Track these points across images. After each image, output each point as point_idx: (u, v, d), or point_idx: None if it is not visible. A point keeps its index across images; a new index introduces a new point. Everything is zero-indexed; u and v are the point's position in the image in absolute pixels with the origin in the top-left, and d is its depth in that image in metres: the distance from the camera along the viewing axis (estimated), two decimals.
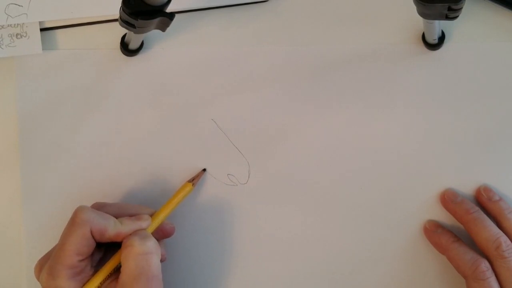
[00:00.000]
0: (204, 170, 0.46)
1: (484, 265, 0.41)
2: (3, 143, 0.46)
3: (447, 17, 0.38)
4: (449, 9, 0.36)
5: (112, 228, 0.39)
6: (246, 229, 0.46)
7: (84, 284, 0.38)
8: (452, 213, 0.45)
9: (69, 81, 0.46)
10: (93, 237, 0.38)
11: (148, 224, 0.40)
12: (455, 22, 0.44)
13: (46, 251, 0.44)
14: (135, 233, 0.39)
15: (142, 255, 0.38)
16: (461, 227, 0.44)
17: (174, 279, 0.45)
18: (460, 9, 0.36)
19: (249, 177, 0.46)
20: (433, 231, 0.44)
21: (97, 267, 0.40)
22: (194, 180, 0.45)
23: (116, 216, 0.40)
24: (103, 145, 0.46)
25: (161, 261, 0.42)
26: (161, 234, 0.42)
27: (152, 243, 0.39)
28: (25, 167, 0.45)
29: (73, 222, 0.38)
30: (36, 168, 0.45)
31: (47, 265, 0.38)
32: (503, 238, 0.41)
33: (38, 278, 0.39)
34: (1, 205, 0.46)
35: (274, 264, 0.45)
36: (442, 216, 0.45)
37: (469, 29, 0.46)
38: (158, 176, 0.46)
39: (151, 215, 0.41)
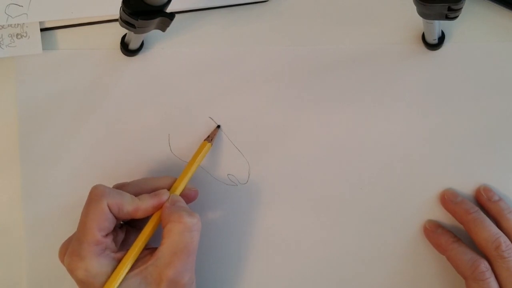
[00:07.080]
0: (219, 126, 0.45)
1: (484, 265, 0.41)
2: (3, 143, 0.46)
3: (447, 17, 0.38)
4: (449, 9, 0.36)
5: (129, 203, 0.39)
6: (246, 229, 0.46)
7: (119, 261, 0.38)
8: (452, 213, 0.45)
9: (69, 81, 0.46)
10: (111, 212, 0.38)
11: (167, 197, 0.40)
12: (455, 22, 0.44)
13: (47, 251, 0.44)
14: (181, 207, 0.39)
15: (189, 232, 0.38)
16: (461, 227, 0.44)
17: None
18: (460, 9, 0.36)
19: (249, 177, 0.46)
20: (433, 231, 0.44)
21: (121, 248, 0.40)
22: (210, 137, 0.44)
23: (136, 194, 0.40)
24: (103, 145, 0.46)
25: None
26: (185, 200, 0.42)
27: (197, 220, 0.39)
28: (25, 167, 0.45)
29: (90, 199, 0.38)
30: (36, 168, 0.45)
31: (70, 247, 0.38)
32: (503, 238, 0.41)
33: (62, 261, 0.39)
34: (1, 205, 0.46)
35: (274, 264, 0.45)
36: (442, 216, 0.45)
37: (469, 29, 0.46)
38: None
39: (173, 183, 0.42)
